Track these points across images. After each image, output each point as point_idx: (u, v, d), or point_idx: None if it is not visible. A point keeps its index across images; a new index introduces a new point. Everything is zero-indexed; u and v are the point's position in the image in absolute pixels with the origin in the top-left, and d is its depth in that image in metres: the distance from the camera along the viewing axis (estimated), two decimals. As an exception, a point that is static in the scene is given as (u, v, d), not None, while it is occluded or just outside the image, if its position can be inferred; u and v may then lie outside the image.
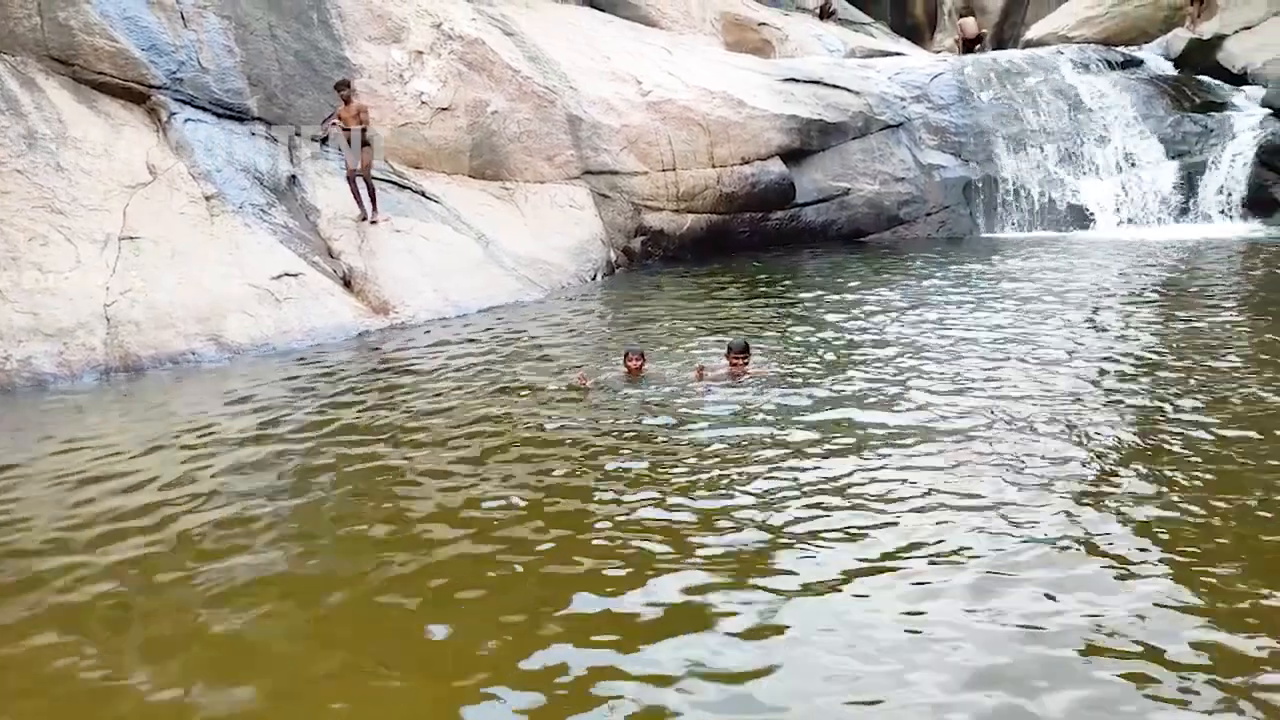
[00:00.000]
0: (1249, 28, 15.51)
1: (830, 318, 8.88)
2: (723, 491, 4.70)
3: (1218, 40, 15.60)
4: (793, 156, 14.04)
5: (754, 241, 13.78)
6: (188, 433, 6.28)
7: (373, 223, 10.72)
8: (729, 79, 14.49)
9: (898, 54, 19.04)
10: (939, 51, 22.85)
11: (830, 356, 7.30)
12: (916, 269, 11.55)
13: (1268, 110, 14.07)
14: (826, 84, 14.89)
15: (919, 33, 26.56)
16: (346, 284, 10.08)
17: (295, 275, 9.56)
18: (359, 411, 6.56)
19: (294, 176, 11.02)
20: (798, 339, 8.08)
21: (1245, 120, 14.21)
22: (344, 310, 9.58)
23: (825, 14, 21.61)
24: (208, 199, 9.94)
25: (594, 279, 12.17)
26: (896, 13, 26.85)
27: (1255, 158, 13.63)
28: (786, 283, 11.27)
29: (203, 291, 9.01)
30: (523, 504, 4.70)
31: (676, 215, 13.44)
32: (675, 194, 13.42)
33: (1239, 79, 15.20)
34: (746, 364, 6.69)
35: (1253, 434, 5.08)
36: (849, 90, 14.87)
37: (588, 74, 13.85)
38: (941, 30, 27.55)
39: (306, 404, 6.86)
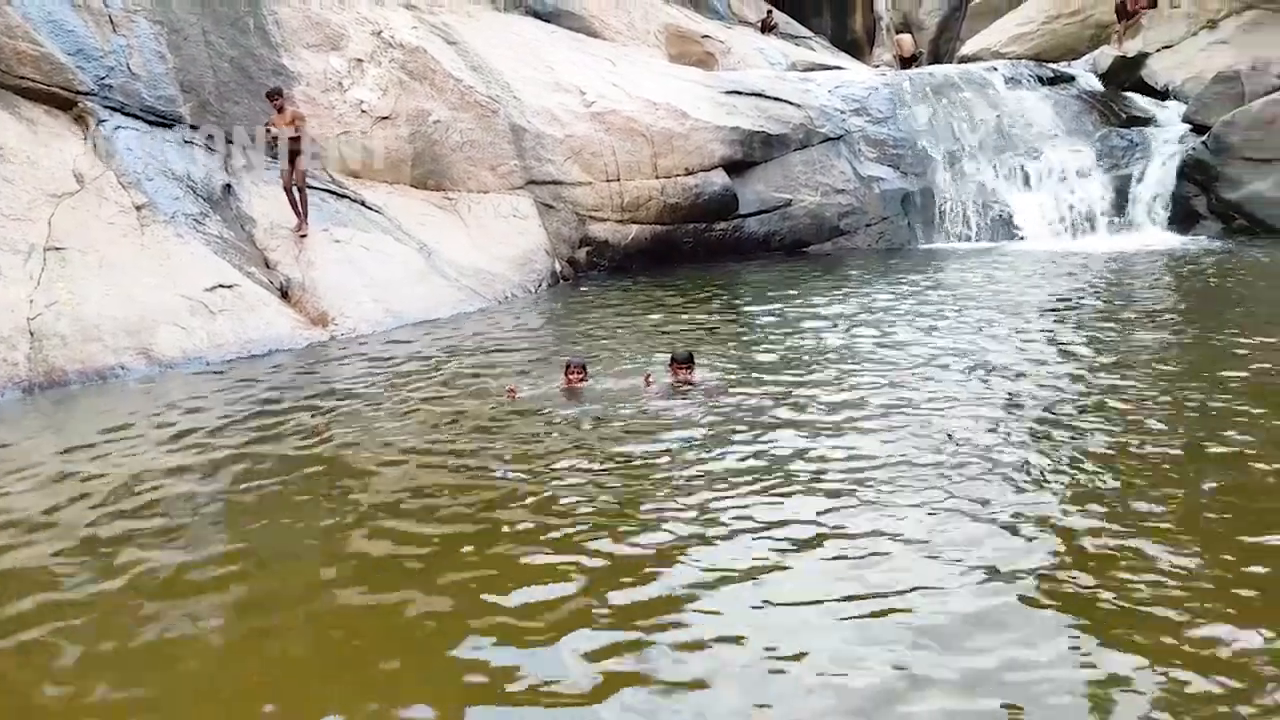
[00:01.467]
0: (1169, 46, 16.15)
1: (773, 328, 8.95)
2: (659, 505, 4.67)
3: (1141, 58, 16.19)
4: (736, 168, 14.17)
5: (698, 252, 13.87)
6: (101, 455, 6.03)
7: (302, 235, 10.52)
8: (672, 90, 14.58)
9: (838, 68, 19.40)
10: (878, 66, 23.33)
11: (773, 367, 7.36)
12: (857, 280, 11.73)
13: (1188, 126, 14.63)
14: (768, 96, 15.08)
15: (858, 47, 27.10)
16: (284, 295, 9.88)
17: (230, 286, 9.33)
18: (289, 428, 6.36)
19: (229, 185, 10.78)
20: (741, 349, 8.13)
21: (1168, 135, 14.76)
22: (281, 322, 9.37)
23: (767, 28, 21.93)
24: (138, 208, 9.66)
25: (538, 289, 12.12)
26: (837, 28, 27.37)
27: (1178, 171, 14.15)
28: (730, 293, 11.35)
29: (132, 304, 8.74)
30: (449, 526, 4.55)
31: (621, 226, 13.46)
32: (619, 204, 13.44)
33: (1162, 95, 15.80)
34: (690, 373, 6.71)
35: (1177, 439, 5.24)
36: (790, 103, 15.07)
37: (531, 84, 13.83)
38: (880, 45, 28.16)
39: (234, 421, 6.65)
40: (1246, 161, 13.54)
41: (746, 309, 10.14)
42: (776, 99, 15.07)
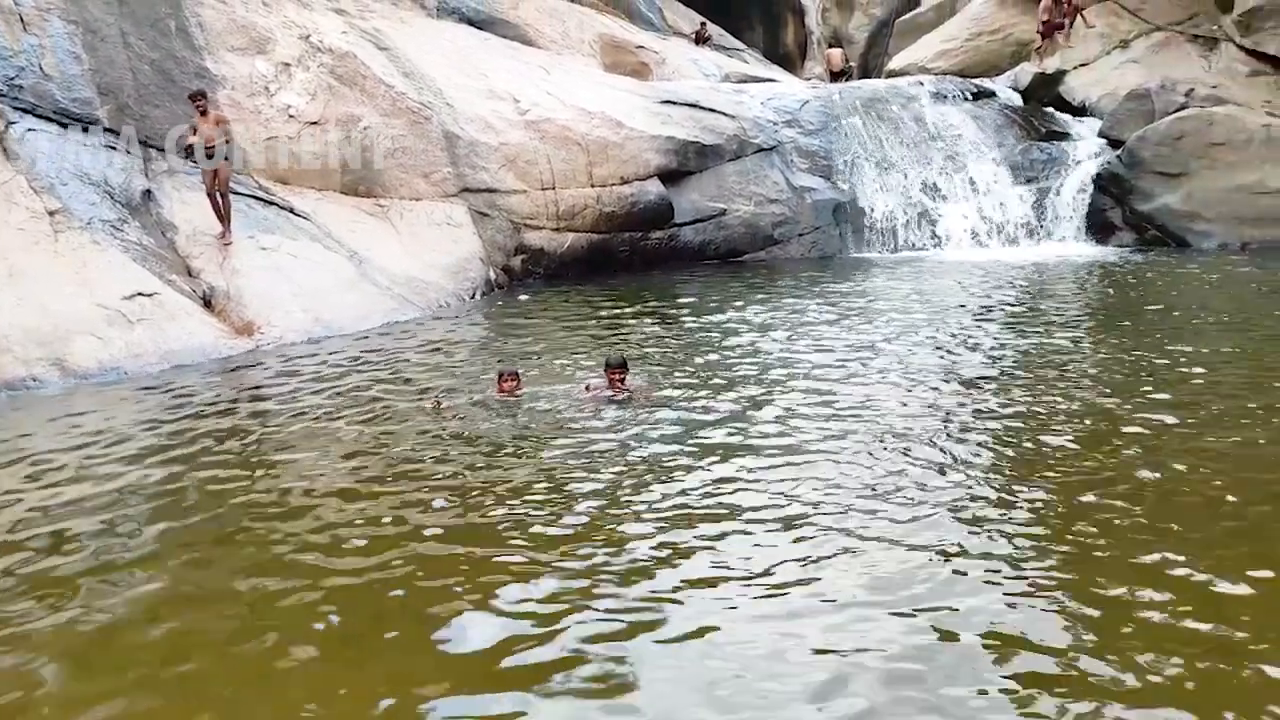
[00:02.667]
0: (1086, 64, 16.76)
1: (708, 336, 9.01)
2: (593, 525, 4.63)
3: (1060, 75, 16.78)
4: (671, 177, 14.24)
5: (634, 261, 13.89)
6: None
7: (226, 243, 10.24)
8: (607, 100, 14.61)
9: (770, 80, 19.66)
10: (809, 79, 23.73)
11: (708, 374, 7.40)
12: (790, 288, 11.89)
13: (1104, 140, 15.22)
14: (703, 107, 15.21)
15: (790, 61, 27.53)
16: (207, 304, 9.59)
17: (150, 295, 9.02)
18: (200, 450, 6.08)
19: (149, 191, 10.44)
20: (677, 357, 8.16)
21: (1085, 149, 15.33)
22: (204, 332, 9.09)
23: (701, 39, 22.14)
24: (51, 214, 9.28)
25: (473, 298, 12.00)
26: (769, 41, 27.77)
27: (1094, 184, 14.71)
28: (666, 302, 11.40)
29: (45, 313, 8.39)
30: (366, 540, 4.44)
31: (557, 234, 13.41)
32: (555, 213, 13.39)
33: (1079, 111, 16.39)
34: (624, 379, 6.70)
35: (1100, 439, 5.43)
36: (724, 114, 15.23)
37: (465, 91, 13.71)
38: (812, 59, 28.67)
39: (149, 435, 6.40)
40: (1157, 175, 14.15)
41: (683, 317, 10.20)
42: (710, 110, 15.21)
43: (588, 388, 6.70)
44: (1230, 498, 4.56)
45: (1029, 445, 5.37)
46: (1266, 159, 13.68)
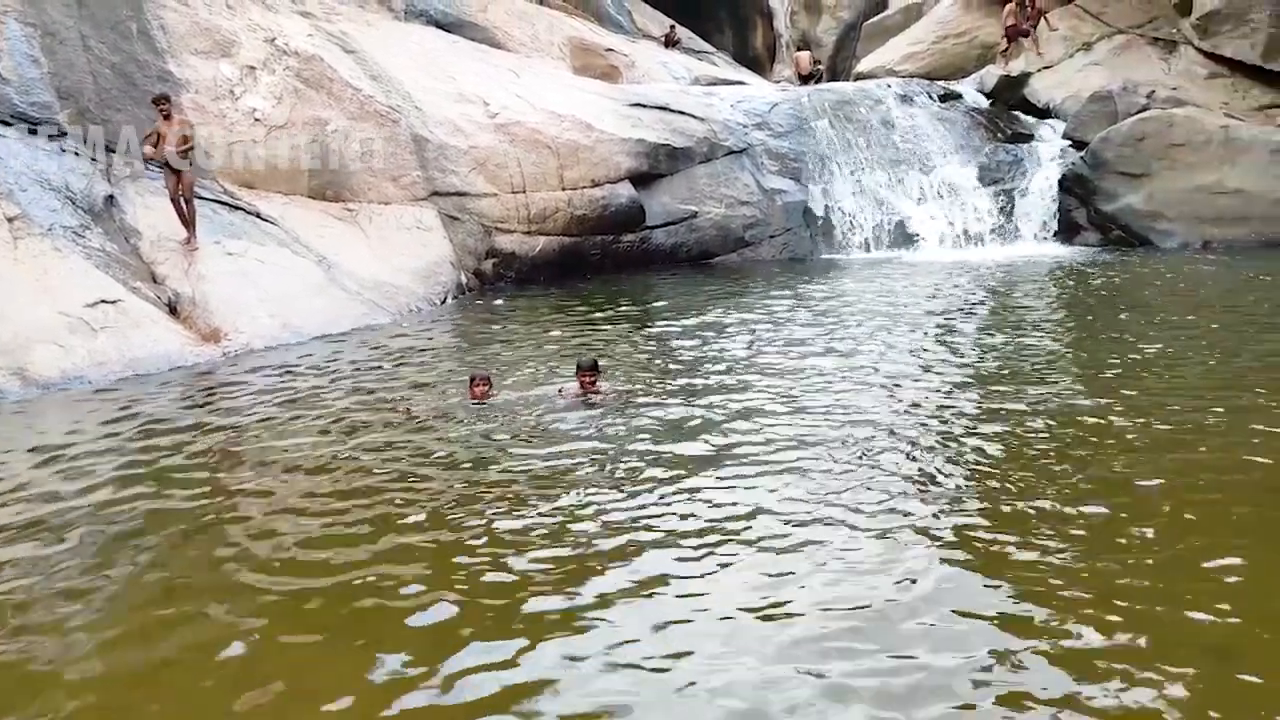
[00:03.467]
0: (1049, 67, 17.02)
1: (680, 339, 9.02)
2: (557, 519, 4.61)
3: (1024, 77, 17.02)
4: (642, 180, 14.25)
5: (606, 264, 13.88)
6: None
7: (192, 249, 10.10)
8: (577, 103, 14.59)
9: (740, 83, 19.74)
10: (779, 82, 23.87)
11: (679, 377, 7.40)
12: (761, 290, 11.92)
13: (1068, 142, 15.45)
14: (673, 110, 15.23)
15: (760, 64, 27.67)
16: (172, 311, 9.44)
17: (113, 302, 8.87)
18: (168, 453, 5.98)
19: (112, 196, 10.27)
20: (648, 360, 8.15)
21: (1050, 150, 15.55)
22: (169, 339, 8.95)
23: (670, 42, 22.19)
24: (10, 220, 9.10)
25: (444, 302, 11.93)
26: (738, 44, 27.90)
27: (1059, 185, 14.92)
28: (638, 305, 11.39)
29: (5, 321, 8.22)
30: (328, 550, 4.37)
31: (528, 237, 13.37)
32: (526, 216, 13.35)
33: (1043, 113, 16.63)
34: (595, 382, 6.68)
35: (1069, 439, 5.49)
36: (694, 116, 15.27)
37: (433, 94, 13.63)
38: (781, 61, 28.84)
39: (109, 445, 6.25)
40: (1120, 176, 14.38)
41: (654, 320, 10.20)
42: (681, 112, 15.24)
43: (561, 391, 6.68)
44: (1200, 495, 4.63)
45: (999, 446, 5.42)
46: (1225, 159, 13.95)
